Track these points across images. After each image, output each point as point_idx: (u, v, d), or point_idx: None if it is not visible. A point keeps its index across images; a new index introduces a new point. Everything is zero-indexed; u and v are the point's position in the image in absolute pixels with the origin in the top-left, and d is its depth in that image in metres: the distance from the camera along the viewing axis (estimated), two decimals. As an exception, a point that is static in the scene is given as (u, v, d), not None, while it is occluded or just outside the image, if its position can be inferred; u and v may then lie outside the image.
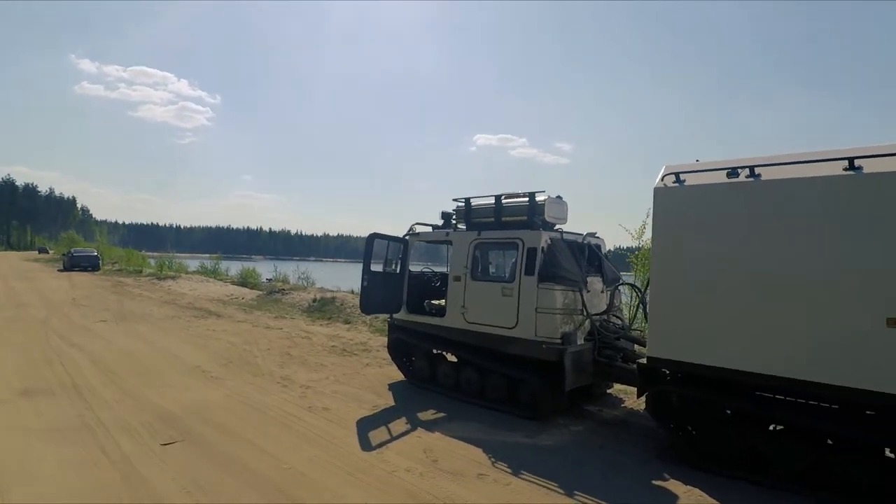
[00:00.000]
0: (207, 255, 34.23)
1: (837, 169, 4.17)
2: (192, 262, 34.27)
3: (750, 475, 4.58)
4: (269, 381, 7.65)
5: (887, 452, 4.29)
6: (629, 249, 10.92)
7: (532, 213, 6.51)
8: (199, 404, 6.34)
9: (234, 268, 28.73)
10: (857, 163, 4.10)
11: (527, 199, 6.60)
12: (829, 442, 4.40)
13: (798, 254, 4.24)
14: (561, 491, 4.33)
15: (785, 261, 4.30)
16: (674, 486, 4.49)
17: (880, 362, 3.88)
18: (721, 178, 4.74)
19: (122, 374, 7.64)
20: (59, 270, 31.60)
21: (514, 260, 6.47)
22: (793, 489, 4.36)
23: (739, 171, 4.66)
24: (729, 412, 4.93)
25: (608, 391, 7.27)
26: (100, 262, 33.77)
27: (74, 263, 32.02)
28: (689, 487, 4.44)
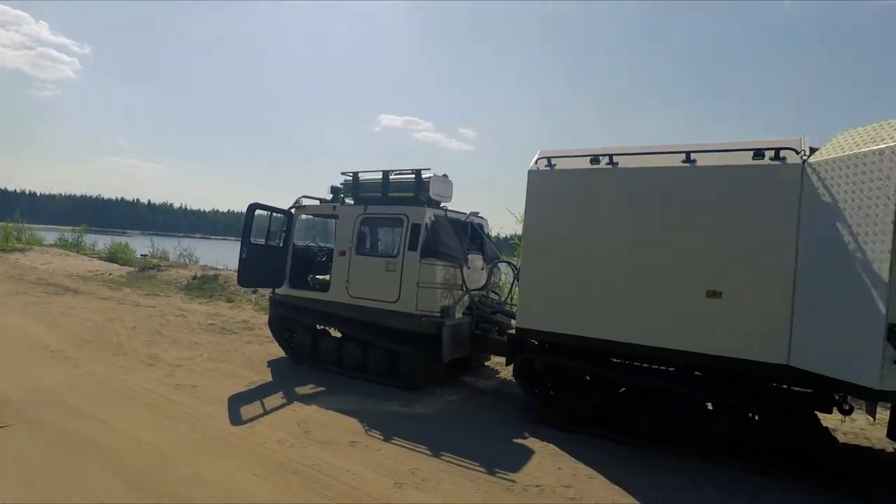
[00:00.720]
0: (71, 228, 30.22)
1: (677, 161, 4.74)
2: (50, 235, 30.11)
3: (601, 432, 5.10)
4: (132, 359, 7.05)
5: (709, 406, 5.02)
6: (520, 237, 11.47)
7: (418, 190, 6.62)
8: (43, 386, 5.68)
9: (103, 242, 25.73)
10: (692, 156, 4.69)
11: (413, 175, 6.69)
12: (667, 400, 5.01)
13: (642, 234, 4.77)
14: (429, 453, 4.53)
15: (632, 240, 4.81)
16: (532, 443, 4.89)
17: (702, 328, 4.52)
18: (585, 164, 5.17)
19: (-56, 355, 6.60)
20: None
21: (398, 235, 6.55)
22: (636, 443, 4.93)
23: (601, 158, 5.10)
24: (588, 377, 5.44)
25: (486, 363, 7.67)
26: (-79, 229, 28.43)
27: None
28: (545, 443, 4.86)
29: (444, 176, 6.99)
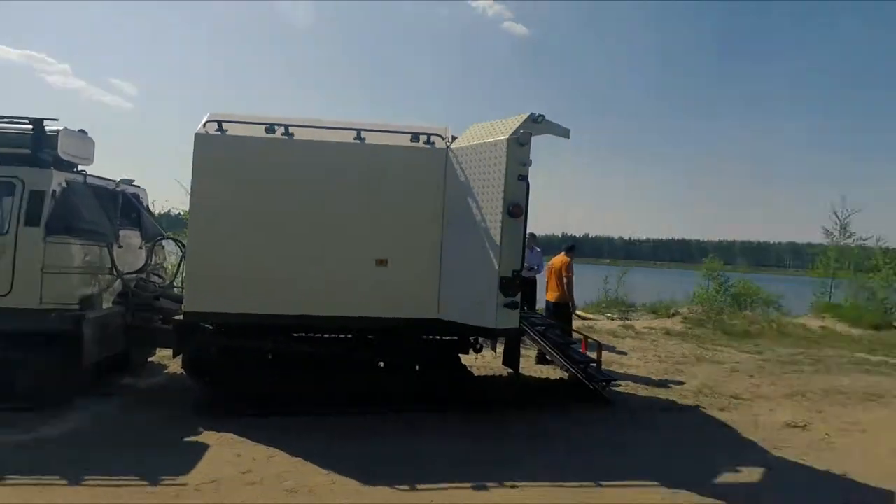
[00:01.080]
0: None
1: (350, 137, 4.97)
2: None
3: (283, 409, 5.00)
4: None
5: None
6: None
7: (39, 147, 5.07)
8: None
9: None
10: (363, 134, 4.99)
11: (31, 126, 5.08)
12: (347, 365, 5.25)
13: (316, 206, 4.86)
14: (66, 483, 3.58)
15: (306, 212, 4.86)
16: (207, 436, 4.44)
17: (373, 294, 4.93)
18: (260, 132, 4.89)
19: None
20: None
21: (7, 206, 4.89)
22: (314, 412, 5.01)
23: (276, 127, 4.92)
24: (269, 356, 5.24)
25: (150, 359, 6.59)
26: None
27: None
28: (222, 434, 4.47)
29: (82, 131, 5.57)
